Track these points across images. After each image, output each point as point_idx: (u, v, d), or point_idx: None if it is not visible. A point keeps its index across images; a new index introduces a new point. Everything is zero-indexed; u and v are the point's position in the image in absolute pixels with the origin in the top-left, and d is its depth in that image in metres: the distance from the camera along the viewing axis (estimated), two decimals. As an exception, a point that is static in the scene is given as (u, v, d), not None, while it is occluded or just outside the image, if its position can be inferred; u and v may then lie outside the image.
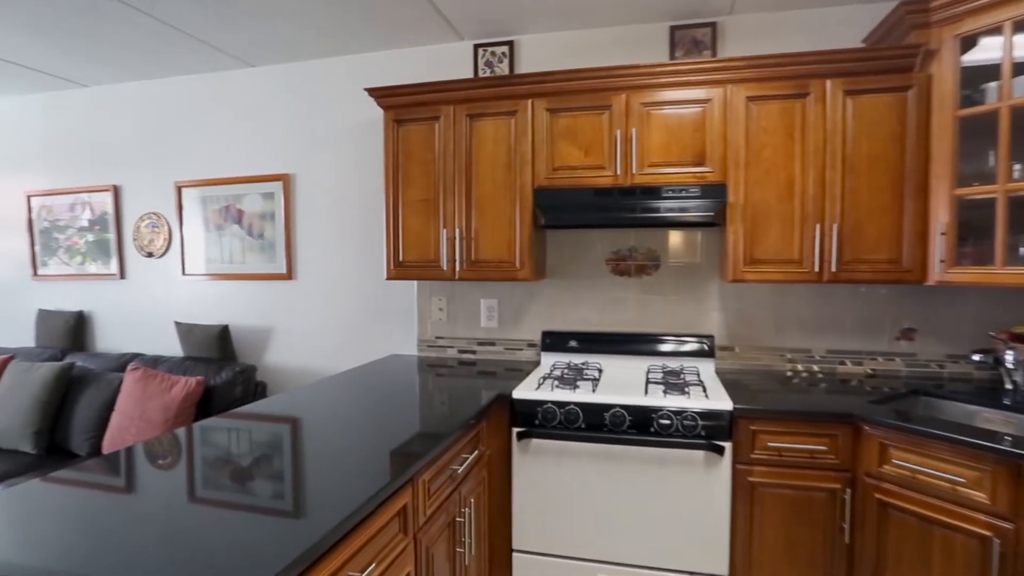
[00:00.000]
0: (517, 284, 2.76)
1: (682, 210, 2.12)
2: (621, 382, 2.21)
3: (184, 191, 3.36)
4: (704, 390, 2.03)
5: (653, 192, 2.17)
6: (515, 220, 2.37)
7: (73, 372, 3.10)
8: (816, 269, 2.08)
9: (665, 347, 2.49)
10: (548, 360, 2.63)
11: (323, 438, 1.56)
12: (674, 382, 2.12)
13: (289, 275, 3.17)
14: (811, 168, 2.07)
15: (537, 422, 2.03)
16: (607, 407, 1.97)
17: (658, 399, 1.94)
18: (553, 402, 2.02)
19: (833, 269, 2.06)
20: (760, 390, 2.11)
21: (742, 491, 1.89)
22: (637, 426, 1.94)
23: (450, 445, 1.65)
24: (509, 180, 2.37)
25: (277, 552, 0.93)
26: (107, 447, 2.84)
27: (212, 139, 3.29)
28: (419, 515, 1.44)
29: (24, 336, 3.86)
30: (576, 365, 2.50)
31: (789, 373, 2.40)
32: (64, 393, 3.02)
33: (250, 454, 1.42)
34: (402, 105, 2.48)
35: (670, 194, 2.15)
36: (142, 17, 2.51)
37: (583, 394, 2.02)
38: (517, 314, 2.77)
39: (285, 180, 3.13)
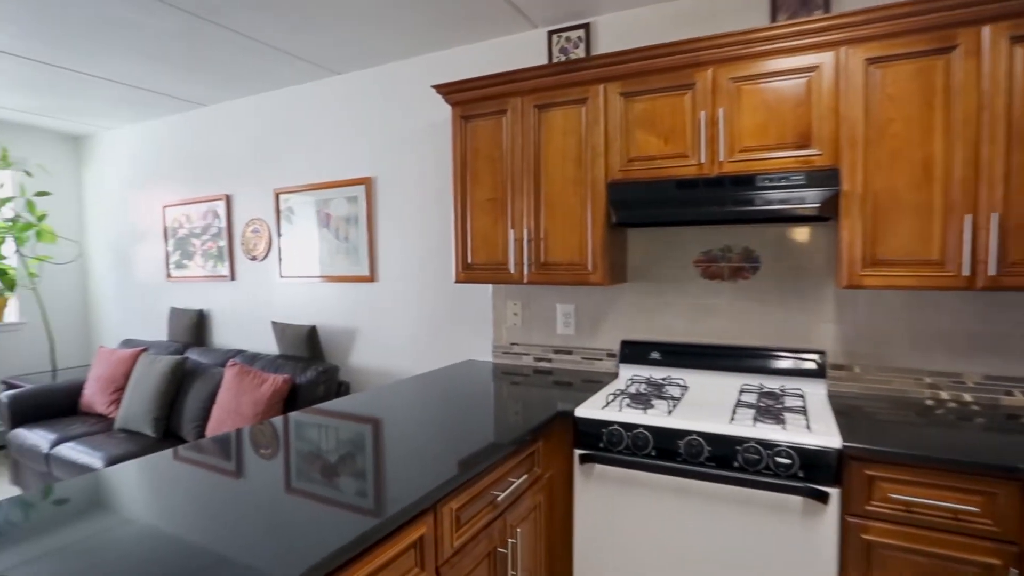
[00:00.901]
0: (595, 289, 2.53)
1: (782, 202, 1.77)
2: (705, 403, 1.90)
3: (281, 197, 3.53)
4: (806, 419, 1.66)
5: (746, 182, 1.83)
6: (586, 219, 2.15)
7: (186, 366, 3.37)
8: (966, 272, 1.62)
9: (764, 363, 2.12)
10: (626, 373, 2.36)
11: (393, 440, 1.57)
12: (770, 407, 1.78)
13: (371, 277, 3.20)
14: (958, 144, 1.62)
15: (601, 445, 1.80)
16: (682, 434, 1.68)
17: (746, 428, 1.62)
18: (620, 424, 1.77)
19: (992, 272, 1.60)
20: (887, 422, 1.69)
21: (854, 550, 1.51)
22: (717, 459, 1.63)
23: (489, 469, 1.48)
24: (580, 176, 2.15)
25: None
26: (210, 434, 3.04)
27: (305, 146, 3.42)
28: (443, 546, 1.29)
29: (160, 331, 4.32)
30: (656, 380, 2.21)
31: (930, 402, 1.92)
32: (178, 384, 3.29)
33: (336, 451, 1.48)
34: (469, 100, 2.36)
35: (766, 183, 1.80)
36: (234, 35, 2.64)
37: (656, 416, 1.75)
38: (595, 321, 2.53)
39: (367, 183, 3.16)
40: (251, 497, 1.19)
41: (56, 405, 3.61)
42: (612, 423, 1.79)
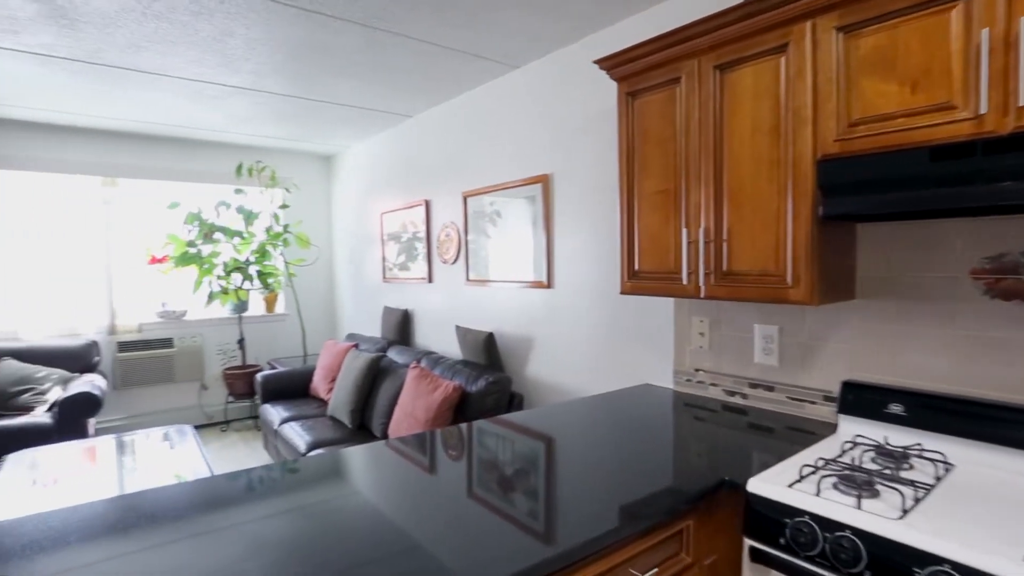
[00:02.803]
0: (807, 308, 1.87)
1: None
2: (978, 503, 1.18)
3: (468, 200, 3.52)
4: None
5: (1074, 140, 1.07)
6: (784, 212, 1.56)
7: (381, 364, 3.59)
8: None
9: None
10: (848, 428, 1.67)
11: (564, 462, 1.51)
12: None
13: (548, 283, 2.96)
14: None
15: (783, 541, 1.24)
16: (926, 559, 1.04)
17: (1059, 572, 0.92)
18: (814, 516, 1.19)
19: None
20: None
21: None
22: (995, 615, 0.95)
23: (618, 545, 1.10)
24: (775, 153, 1.57)
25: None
26: (391, 433, 3.16)
27: (488, 147, 3.35)
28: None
29: (378, 327, 4.76)
30: (894, 448, 1.50)
31: None
32: (372, 381, 3.52)
33: (511, 464, 1.49)
34: (635, 72, 1.94)
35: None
36: (407, 40, 2.65)
37: (879, 516, 1.13)
38: (808, 350, 1.87)
39: (544, 182, 2.93)
40: (440, 494, 1.30)
41: (294, 387, 4.20)
42: (801, 512, 1.21)
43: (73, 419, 3.54)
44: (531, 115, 3.01)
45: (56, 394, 3.70)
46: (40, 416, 3.53)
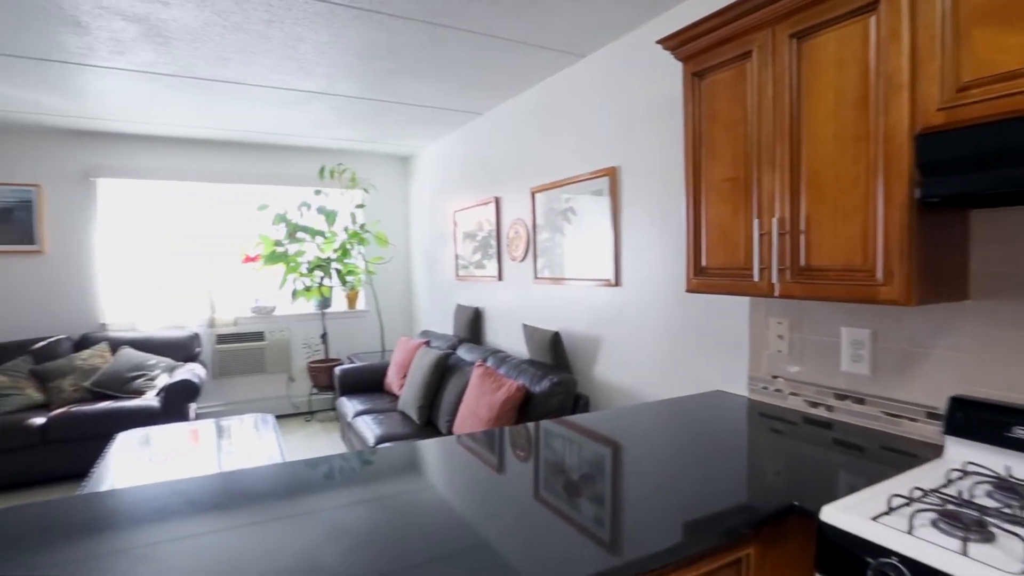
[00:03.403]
0: (904, 309, 1.61)
1: None
2: None
3: (536, 197, 3.44)
4: None
5: None
6: (873, 194, 1.34)
7: (449, 361, 3.60)
8: None
9: None
10: (957, 453, 1.41)
11: (631, 470, 1.45)
12: None
13: (615, 281, 2.82)
14: None
15: (864, 584, 1.05)
16: (1049, 620, 0.83)
17: None
18: (905, 559, 1.00)
19: None
20: None
21: None
22: None
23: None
24: (863, 128, 1.35)
25: None
26: (456, 430, 3.15)
27: (556, 141, 3.25)
28: None
29: (451, 325, 4.80)
30: (1018, 482, 1.24)
31: None
32: (440, 378, 3.53)
33: (577, 468, 1.45)
34: (702, 50, 1.76)
35: None
36: (466, 34, 2.61)
37: (994, 569, 0.92)
38: (907, 358, 1.62)
39: (611, 174, 2.79)
40: (507, 493, 1.29)
41: (370, 381, 4.33)
42: (888, 552, 1.02)
43: (176, 403, 3.86)
44: (597, 106, 2.88)
45: (163, 380, 4.04)
46: (150, 399, 3.87)
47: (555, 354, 3.09)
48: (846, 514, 1.11)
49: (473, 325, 4.25)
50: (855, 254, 1.39)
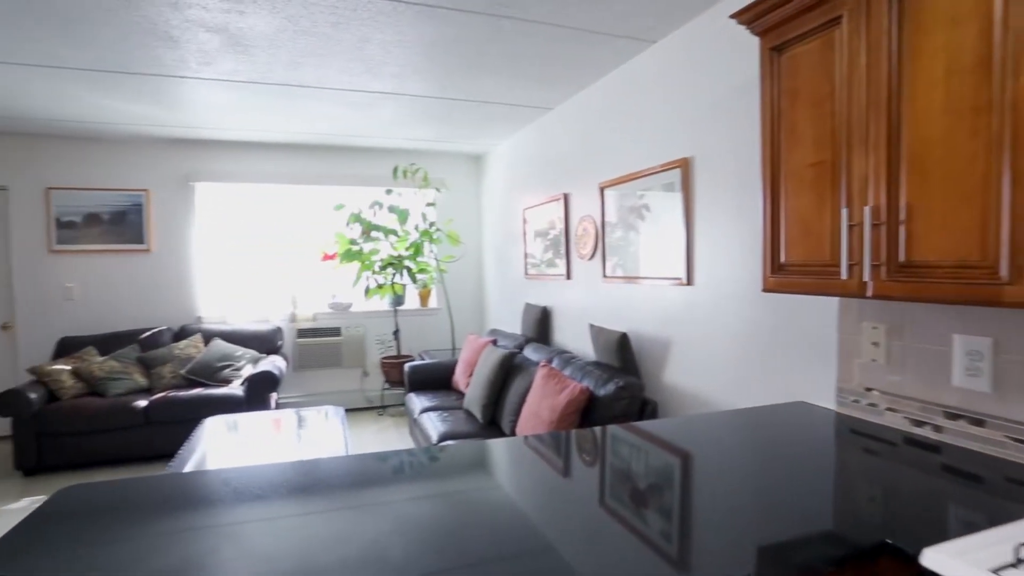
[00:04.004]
0: (1036, 312, 1.35)
1: None
2: None
3: (605, 192, 3.31)
4: None
5: None
6: (997, 175, 1.12)
7: (514, 361, 3.54)
8: None
9: None
10: (1106, 492, 1.15)
11: (701, 483, 1.36)
12: None
13: (687, 280, 2.63)
14: None
15: (974, 648, 0.86)
16: None
17: None
18: (1029, 621, 0.80)
19: None
20: None
21: None
22: None
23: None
24: (982, 97, 1.13)
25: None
26: (518, 431, 3.08)
27: (624, 134, 3.10)
28: None
29: (518, 324, 4.75)
30: None
31: None
32: (505, 377, 3.48)
33: (644, 477, 1.38)
34: (782, 20, 1.57)
35: None
36: (530, 25, 2.53)
37: None
38: (1039, 373, 1.35)
39: (683, 166, 2.60)
40: (573, 498, 1.27)
41: (438, 379, 4.36)
42: (1008, 612, 0.83)
43: (258, 393, 4.07)
44: (667, 95, 2.70)
45: (248, 371, 4.29)
46: (235, 388, 4.12)
47: (622, 356, 2.94)
48: (957, 561, 0.92)
49: (541, 325, 4.17)
50: (971, 247, 1.17)
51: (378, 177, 5.20)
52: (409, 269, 4.94)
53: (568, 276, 3.85)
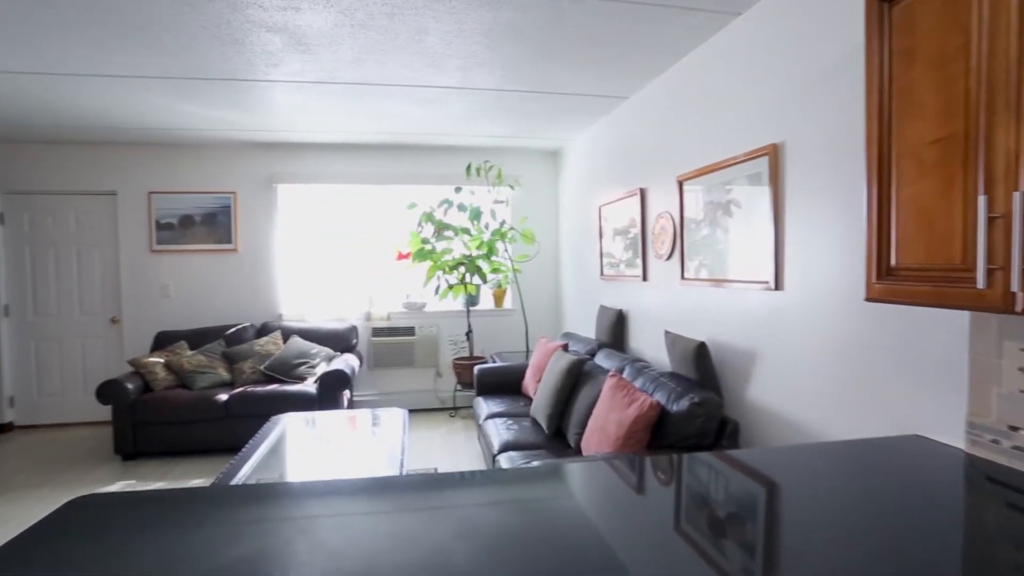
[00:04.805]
0: None
1: None
2: None
3: (684, 186, 3.00)
4: None
5: None
6: None
7: (583, 368, 3.31)
8: None
9: None
10: None
11: (793, 522, 1.19)
12: None
13: (776, 285, 2.29)
14: None
15: None
16: None
17: None
18: None
19: None
20: None
21: None
22: None
23: None
24: None
25: None
26: (583, 446, 2.86)
27: (705, 122, 2.78)
28: None
29: (592, 328, 4.50)
30: None
31: None
32: (573, 385, 3.26)
33: (724, 505, 1.25)
34: (896, -41, 1.25)
35: None
36: (606, 5, 2.30)
37: None
38: None
39: (772, 153, 2.27)
40: (646, 519, 1.21)
41: (508, 383, 4.21)
42: None
43: (330, 391, 4.14)
44: (753, 73, 2.37)
45: (322, 369, 4.38)
46: (309, 386, 4.21)
47: (700, 368, 2.63)
48: None
49: (616, 329, 3.90)
50: None
51: (452, 176, 5.15)
52: (479, 269, 4.84)
53: (644, 277, 3.56)
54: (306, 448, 3.09)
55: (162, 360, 4.21)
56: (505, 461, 2.85)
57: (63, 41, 2.62)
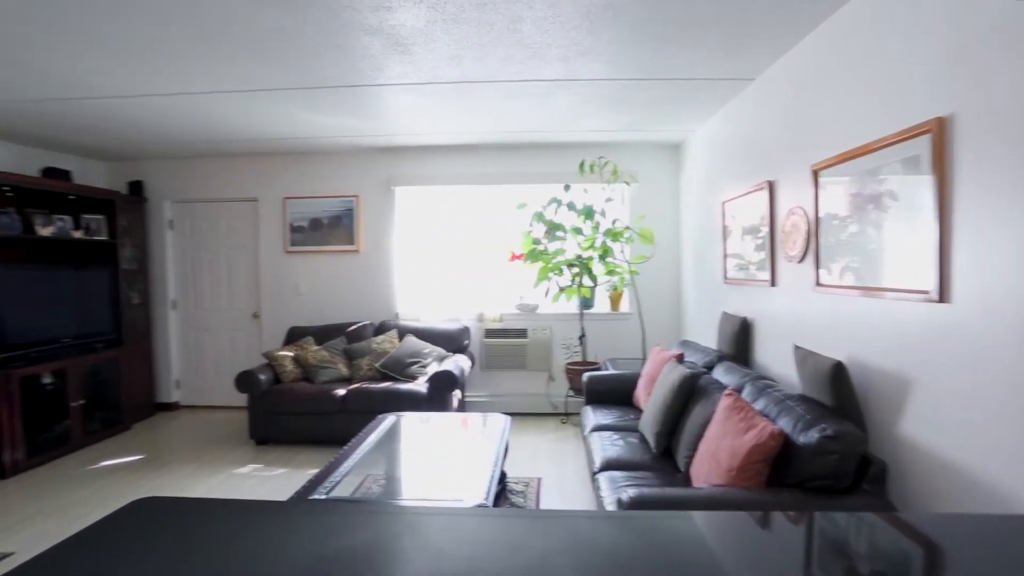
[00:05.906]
0: None
1: None
2: None
3: (820, 176, 2.54)
4: None
5: None
6: None
7: (697, 383, 2.96)
8: None
9: None
10: None
11: None
12: None
13: (940, 296, 1.82)
14: None
15: None
16: None
17: None
18: None
19: None
20: None
21: None
22: None
23: None
24: None
25: None
26: (692, 473, 2.55)
27: (843, 98, 2.32)
28: None
29: (713, 336, 4.07)
30: None
31: None
32: (685, 402, 2.93)
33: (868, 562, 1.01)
34: None
35: None
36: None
37: None
38: None
39: (935, 130, 1.80)
40: (773, 556, 1.05)
41: (619, 392, 3.94)
42: None
43: (440, 391, 4.19)
44: (906, 32, 1.90)
45: (433, 369, 4.45)
46: (420, 385, 4.30)
47: (837, 392, 2.20)
48: None
49: (739, 340, 3.48)
50: None
51: (564, 174, 4.97)
52: (590, 271, 4.61)
53: (772, 282, 3.11)
54: (399, 452, 3.11)
55: (291, 354, 4.55)
56: (605, 481, 2.64)
57: (182, 64, 2.88)
